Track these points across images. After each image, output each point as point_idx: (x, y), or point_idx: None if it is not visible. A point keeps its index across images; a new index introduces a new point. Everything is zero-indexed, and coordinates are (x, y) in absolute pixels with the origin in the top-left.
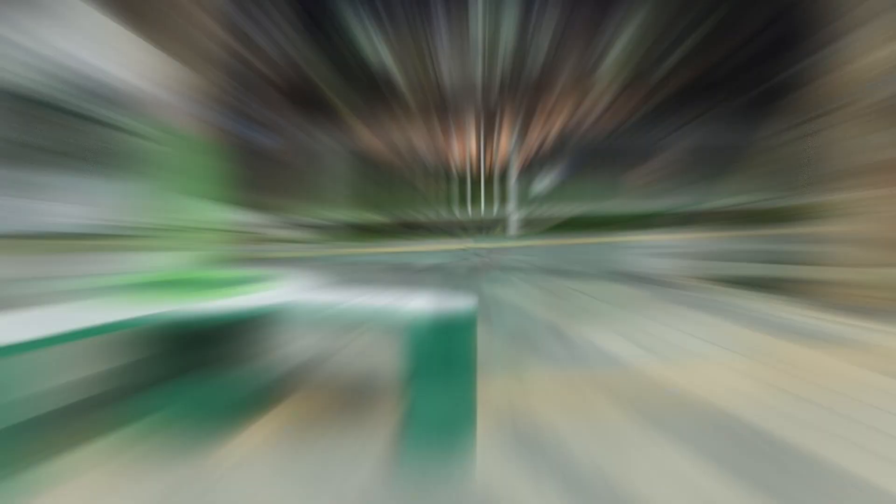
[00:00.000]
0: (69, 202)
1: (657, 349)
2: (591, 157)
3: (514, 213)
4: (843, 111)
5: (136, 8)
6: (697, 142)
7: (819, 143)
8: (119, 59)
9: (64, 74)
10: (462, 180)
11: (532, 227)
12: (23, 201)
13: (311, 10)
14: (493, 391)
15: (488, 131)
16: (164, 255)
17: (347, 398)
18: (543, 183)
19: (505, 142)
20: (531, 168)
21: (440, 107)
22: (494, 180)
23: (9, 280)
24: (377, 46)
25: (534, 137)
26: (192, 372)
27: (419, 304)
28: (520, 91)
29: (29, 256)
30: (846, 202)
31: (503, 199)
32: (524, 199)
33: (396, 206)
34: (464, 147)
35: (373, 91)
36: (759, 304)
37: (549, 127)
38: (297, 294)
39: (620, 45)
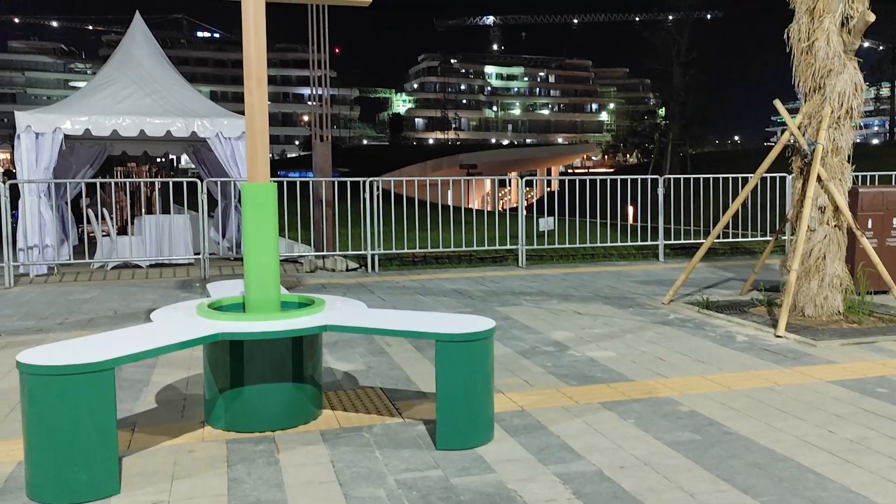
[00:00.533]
0: (175, 237)
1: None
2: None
3: (523, 245)
4: (793, 164)
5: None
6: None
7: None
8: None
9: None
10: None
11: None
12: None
13: None
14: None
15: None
16: (239, 280)
17: (386, 403)
18: (547, 221)
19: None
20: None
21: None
22: (506, 217)
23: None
24: None
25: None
26: (255, 383)
27: (446, 323)
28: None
29: (131, 284)
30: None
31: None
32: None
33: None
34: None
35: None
36: (727, 324)
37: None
38: (341, 316)
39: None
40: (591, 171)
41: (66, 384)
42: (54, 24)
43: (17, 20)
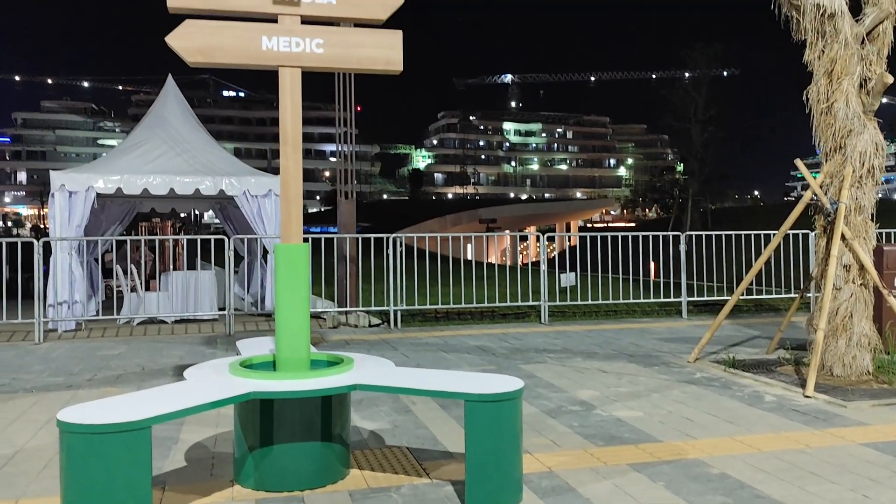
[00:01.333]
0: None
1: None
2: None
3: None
4: (816, 223)
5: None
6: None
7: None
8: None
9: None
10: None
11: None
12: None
13: None
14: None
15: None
16: (269, 338)
17: (414, 463)
18: (569, 277)
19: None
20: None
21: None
22: (528, 273)
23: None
24: None
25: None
26: (284, 441)
27: (475, 383)
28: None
29: (159, 340)
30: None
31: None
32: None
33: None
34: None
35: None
36: (754, 383)
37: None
38: (371, 375)
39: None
40: (610, 225)
41: (104, 442)
42: (85, 84)
43: (50, 81)
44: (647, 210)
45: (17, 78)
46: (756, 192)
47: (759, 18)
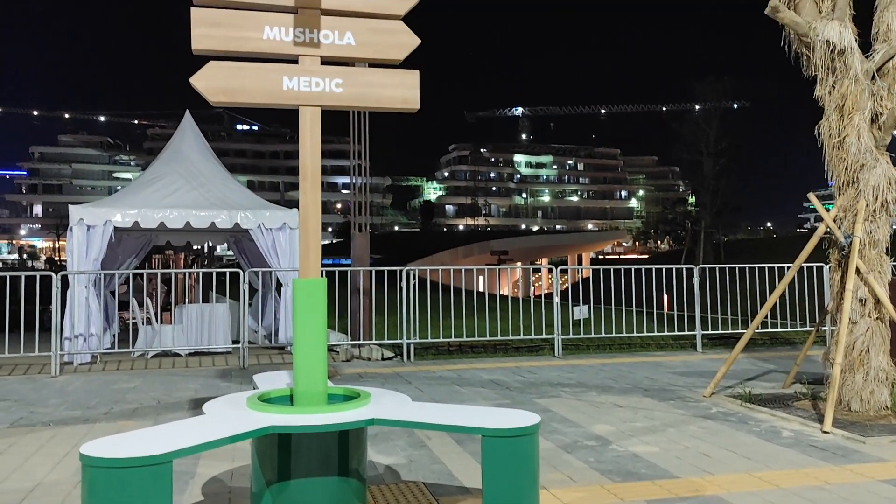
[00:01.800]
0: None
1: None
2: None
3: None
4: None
5: None
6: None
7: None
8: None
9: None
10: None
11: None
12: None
13: None
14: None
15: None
16: (285, 372)
17: (430, 499)
18: (582, 310)
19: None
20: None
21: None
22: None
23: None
24: None
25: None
26: (301, 476)
27: (492, 418)
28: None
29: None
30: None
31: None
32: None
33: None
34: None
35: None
36: (771, 418)
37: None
38: (388, 409)
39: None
40: (622, 257)
41: (127, 477)
42: (102, 118)
43: (67, 116)
44: (659, 242)
45: (35, 113)
46: (769, 224)
47: (771, 51)
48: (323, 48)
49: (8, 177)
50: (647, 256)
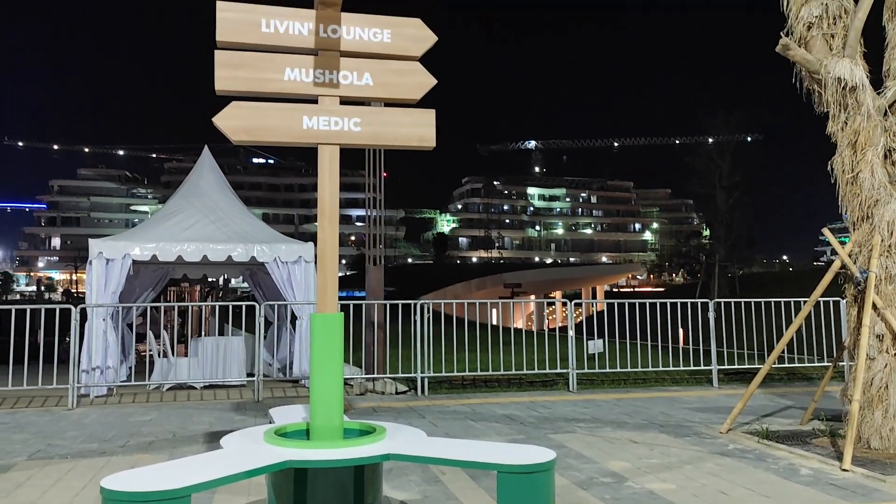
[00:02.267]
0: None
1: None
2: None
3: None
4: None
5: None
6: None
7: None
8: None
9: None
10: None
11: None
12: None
13: None
14: None
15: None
16: (301, 406)
17: None
18: (596, 344)
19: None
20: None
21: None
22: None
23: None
24: None
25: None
26: None
27: (507, 454)
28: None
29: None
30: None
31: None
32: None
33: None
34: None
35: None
36: (789, 455)
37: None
38: (403, 445)
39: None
40: (636, 290)
41: None
42: (120, 152)
43: (87, 150)
44: (673, 275)
45: (55, 147)
46: (785, 257)
47: (786, 82)
48: (342, 88)
49: (28, 209)
50: (662, 289)
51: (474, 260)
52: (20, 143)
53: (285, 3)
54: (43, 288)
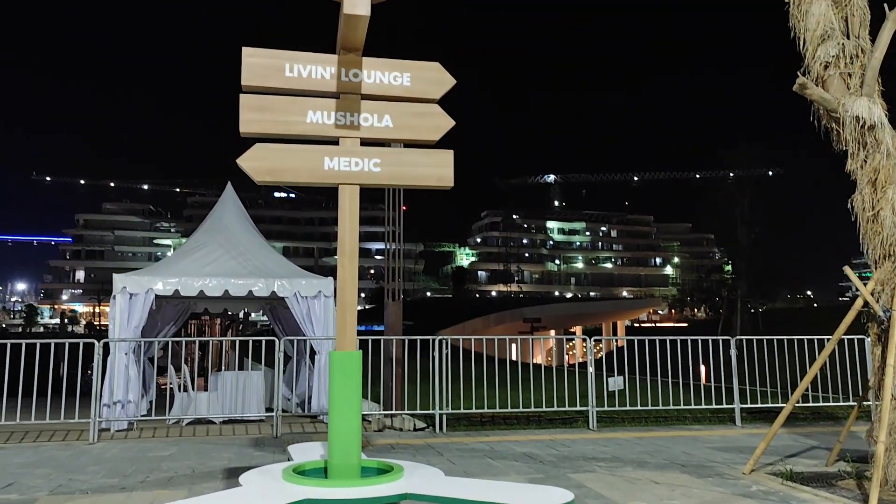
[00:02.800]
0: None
1: None
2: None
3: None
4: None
5: None
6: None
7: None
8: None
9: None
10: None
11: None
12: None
13: None
14: None
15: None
16: (319, 444)
17: None
18: (617, 381)
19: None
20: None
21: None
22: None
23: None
24: None
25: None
26: None
27: (525, 494)
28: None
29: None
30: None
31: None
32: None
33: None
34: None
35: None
36: (814, 498)
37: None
38: (421, 484)
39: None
40: (658, 325)
41: None
42: (145, 187)
43: (112, 184)
44: (695, 310)
45: (82, 181)
46: (809, 292)
47: (807, 118)
48: (363, 130)
49: (53, 243)
50: (684, 325)
51: (493, 294)
52: (48, 178)
53: (308, 46)
54: (66, 320)
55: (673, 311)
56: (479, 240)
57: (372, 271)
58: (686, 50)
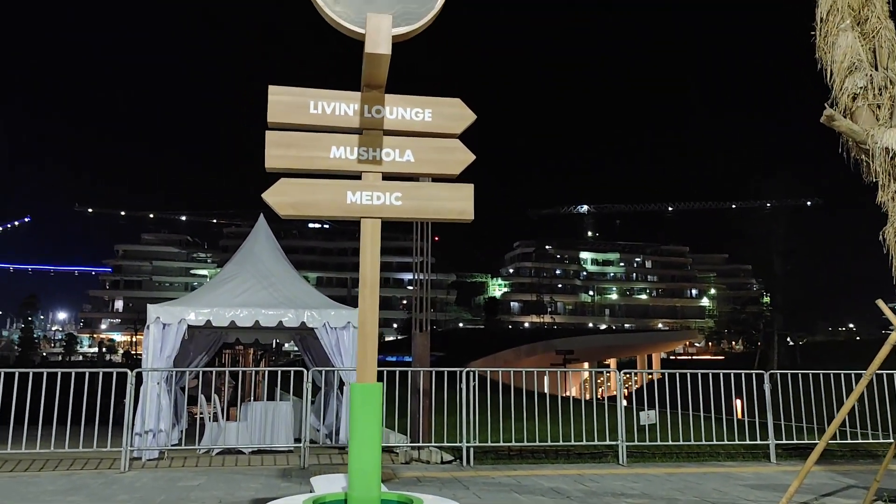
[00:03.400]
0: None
1: None
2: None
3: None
4: None
5: None
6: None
7: None
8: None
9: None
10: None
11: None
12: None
13: None
14: None
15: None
16: (341, 476)
17: None
18: (649, 415)
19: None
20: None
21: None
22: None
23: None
24: None
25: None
26: None
27: None
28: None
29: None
30: None
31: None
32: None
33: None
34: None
35: None
36: None
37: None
38: None
39: None
40: (694, 358)
41: None
42: (183, 218)
43: (151, 215)
44: (732, 342)
45: (122, 213)
46: (851, 325)
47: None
48: (385, 165)
49: (94, 273)
50: (721, 357)
51: (526, 325)
52: (90, 210)
53: (332, 83)
54: (104, 349)
55: (710, 343)
56: (511, 270)
57: (404, 301)
58: (723, 79)
